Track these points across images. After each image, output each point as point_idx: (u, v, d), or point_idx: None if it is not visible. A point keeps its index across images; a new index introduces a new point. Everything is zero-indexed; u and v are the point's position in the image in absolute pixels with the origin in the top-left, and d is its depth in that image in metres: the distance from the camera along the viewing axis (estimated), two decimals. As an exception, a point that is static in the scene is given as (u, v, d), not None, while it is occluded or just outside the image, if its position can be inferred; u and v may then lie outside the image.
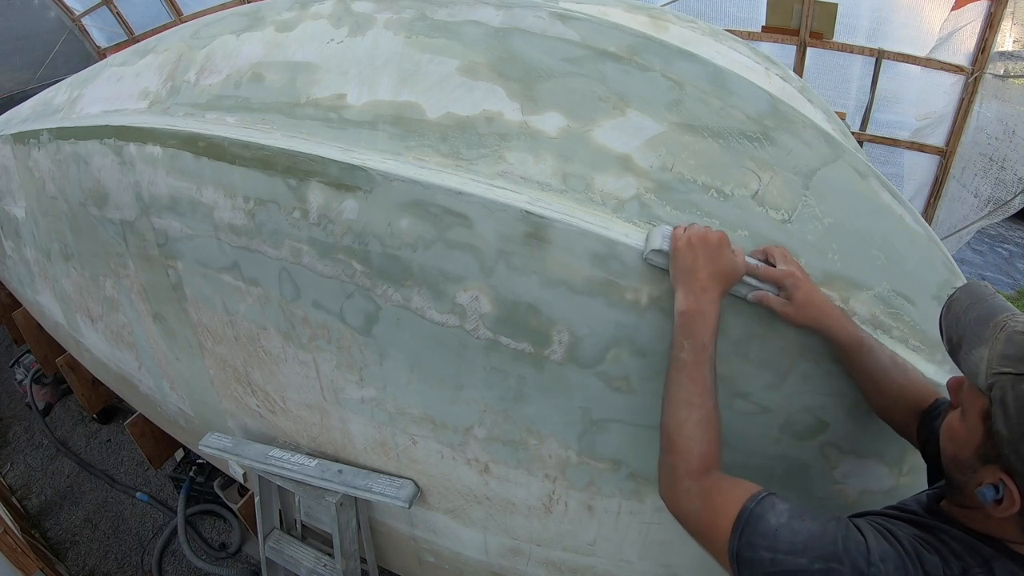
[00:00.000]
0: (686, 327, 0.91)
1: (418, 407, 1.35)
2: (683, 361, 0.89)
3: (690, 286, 0.93)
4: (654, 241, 1.00)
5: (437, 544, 1.64)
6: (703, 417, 0.87)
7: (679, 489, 0.86)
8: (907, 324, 1.13)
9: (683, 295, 0.93)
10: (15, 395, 3.90)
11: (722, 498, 0.82)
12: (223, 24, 1.65)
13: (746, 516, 0.78)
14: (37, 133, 1.93)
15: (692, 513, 0.84)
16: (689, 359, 0.89)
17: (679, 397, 0.89)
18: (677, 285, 0.95)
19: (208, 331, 1.65)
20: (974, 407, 0.72)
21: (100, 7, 5.75)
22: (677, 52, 1.18)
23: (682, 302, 0.93)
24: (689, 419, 0.87)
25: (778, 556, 0.74)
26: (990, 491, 0.69)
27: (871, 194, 1.12)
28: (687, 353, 0.89)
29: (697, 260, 0.93)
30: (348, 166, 1.20)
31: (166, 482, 3.16)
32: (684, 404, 0.88)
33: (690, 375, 0.88)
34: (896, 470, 1.21)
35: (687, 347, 0.89)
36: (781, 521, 0.76)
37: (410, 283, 1.21)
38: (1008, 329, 0.68)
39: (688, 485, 0.85)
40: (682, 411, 0.88)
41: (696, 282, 0.93)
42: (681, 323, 0.92)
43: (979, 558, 0.72)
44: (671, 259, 0.97)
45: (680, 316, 0.92)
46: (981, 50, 3.50)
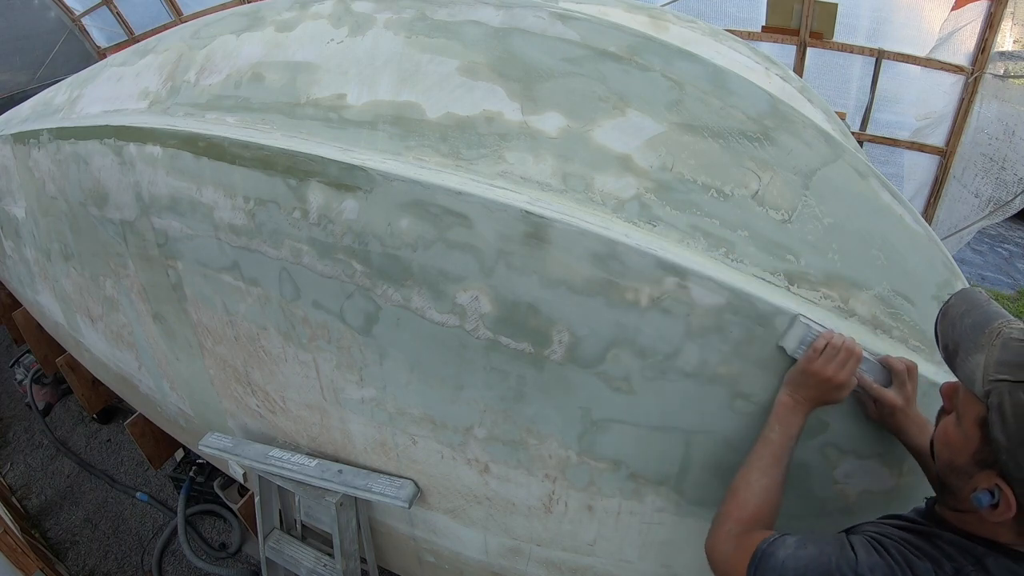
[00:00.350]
0: (781, 416, 1.01)
1: (418, 407, 1.35)
2: (771, 440, 1.00)
3: (795, 393, 1.02)
4: (790, 343, 1.04)
5: (437, 544, 1.64)
6: (771, 486, 0.96)
7: (723, 530, 0.95)
8: (907, 324, 1.13)
9: (787, 393, 1.02)
10: (15, 395, 3.90)
11: (748, 544, 0.89)
12: (223, 24, 1.65)
13: (759, 555, 0.85)
14: (37, 133, 1.93)
15: (723, 555, 0.92)
16: (776, 440, 1.00)
17: (757, 465, 0.99)
18: (788, 382, 1.04)
19: (208, 331, 1.65)
20: (970, 413, 0.73)
21: (100, 7, 5.75)
22: (677, 52, 1.18)
23: (787, 397, 1.02)
24: (759, 483, 0.97)
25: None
26: (985, 496, 0.70)
27: (871, 194, 1.12)
28: (776, 435, 1.00)
29: (812, 386, 1.01)
30: (348, 166, 1.20)
31: (166, 482, 3.16)
32: (759, 471, 0.98)
33: (773, 453, 0.99)
34: (896, 470, 1.21)
35: (778, 431, 1.00)
36: (788, 552, 0.83)
37: (410, 283, 1.21)
38: (1004, 336, 0.69)
39: (731, 528, 0.94)
40: (754, 475, 0.98)
41: (804, 394, 1.01)
42: (778, 410, 1.02)
43: (971, 558, 0.74)
44: (795, 367, 1.04)
45: (778, 405, 1.03)
46: (981, 50, 3.50)
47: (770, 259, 1.11)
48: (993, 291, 5.36)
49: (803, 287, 1.11)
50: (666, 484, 1.24)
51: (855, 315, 1.12)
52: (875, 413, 1.09)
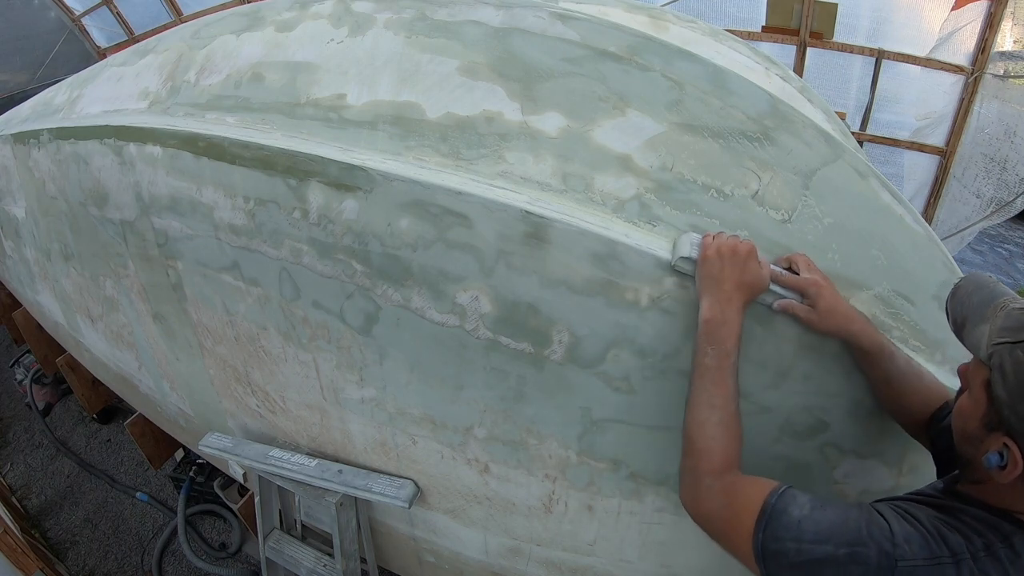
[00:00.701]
0: (711, 334, 0.94)
1: (418, 407, 1.35)
2: (706, 366, 0.92)
3: (716, 295, 0.95)
4: (682, 248, 1.00)
5: (437, 544, 1.64)
6: (724, 419, 0.89)
7: (700, 488, 0.88)
8: (907, 324, 1.13)
9: (708, 303, 0.95)
10: (15, 395, 3.90)
11: (743, 496, 0.84)
12: (223, 24, 1.65)
13: (769, 510, 0.80)
14: (37, 133, 1.93)
15: (714, 511, 0.86)
16: (713, 364, 0.92)
17: (701, 400, 0.91)
18: (703, 293, 0.98)
19: (208, 331, 1.65)
20: (977, 379, 0.76)
21: (100, 7, 5.75)
22: (677, 52, 1.18)
23: (707, 310, 0.95)
24: (710, 420, 0.89)
25: (803, 546, 0.76)
26: (995, 457, 0.72)
27: (871, 194, 1.12)
28: (710, 359, 0.92)
29: (724, 270, 0.95)
30: (348, 166, 1.20)
31: (166, 482, 3.16)
32: (706, 406, 0.90)
33: (713, 379, 0.91)
34: (896, 470, 1.21)
35: (711, 353, 0.92)
36: (804, 512, 0.78)
37: (410, 283, 1.21)
38: (1007, 308, 0.73)
39: (709, 483, 0.87)
40: (703, 413, 0.90)
41: (722, 292, 0.95)
42: (706, 330, 0.94)
43: (999, 535, 0.75)
44: (698, 267, 0.99)
45: (705, 323, 0.95)
46: (981, 50, 3.50)
47: (770, 259, 1.11)
48: (993, 291, 5.33)
49: (803, 287, 1.11)
50: (666, 484, 1.24)
51: (855, 315, 1.12)
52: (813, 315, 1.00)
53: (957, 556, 0.73)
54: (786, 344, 1.08)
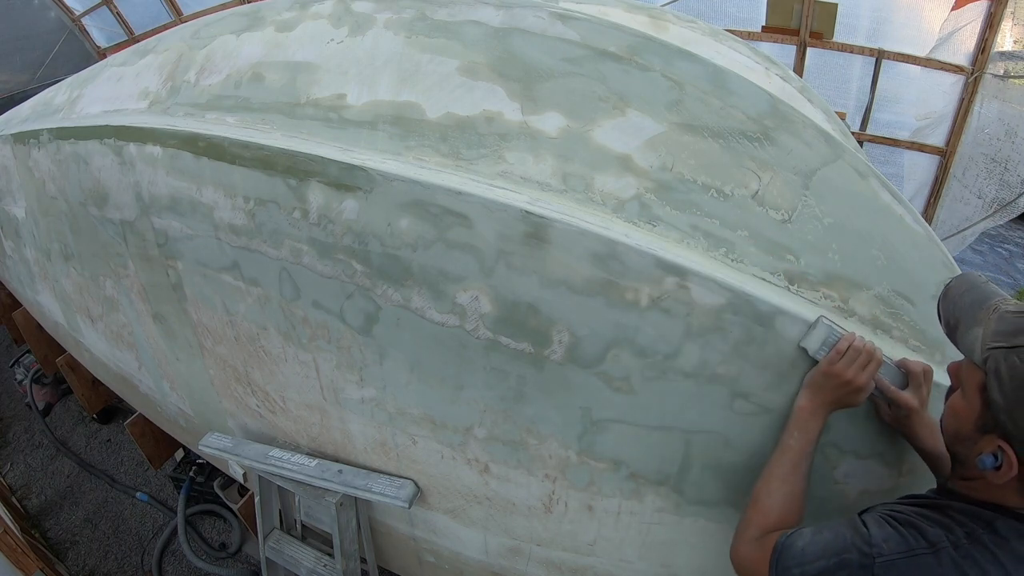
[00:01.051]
0: (799, 421, 1.02)
1: (418, 407, 1.35)
2: (790, 447, 1.01)
3: (814, 397, 1.03)
4: (812, 344, 1.04)
5: (437, 544, 1.64)
6: (792, 493, 0.98)
7: (746, 536, 0.97)
8: (907, 324, 1.13)
9: (807, 397, 1.03)
10: (15, 395, 3.90)
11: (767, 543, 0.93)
12: (223, 24, 1.65)
13: (779, 549, 0.89)
14: (37, 133, 1.93)
15: (744, 556, 0.96)
16: (796, 448, 1.01)
17: (777, 473, 1.00)
18: (807, 386, 1.05)
19: (208, 331, 1.65)
20: (971, 382, 0.78)
21: (100, 7, 5.75)
22: (677, 52, 1.18)
23: (803, 400, 1.04)
24: (780, 491, 0.99)
25: (805, 568, 0.84)
26: (989, 459, 0.75)
27: (871, 194, 1.12)
28: (795, 442, 1.01)
29: (832, 389, 1.01)
30: (348, 166, 1.20)
31: (166, 482, 3.16)
32: (780, 479, 1.00)
33: (792, 460, 1.00)
34: (896, 470, 1.21)
35: (796, 437, 1.01)
36: (805, 541, 0.87)
37: (410, 283, 1.21)
38: (1000, 310, 0.75)
39: (754, 534, 0.97)
40: (776, 483, 1.00)
41: (824, 397, 1.02)
42: (796, 416, 1.03)
43: (982, 522, 0.78)
44: (819, 369, 1.03)
45: (798, 410, 1.03)
46: (981, 50, 3.50)
47: (770, 259, 1.11)
48: (993, 291, 5.34)
49: (803, 287, 1.11)
50: (666, 484, 1.24)
51: (855, 315, 1.12)
52: (889, 415, 1.09)
53: (935, 546, 0.77)
54: (786, 345, 1.08)
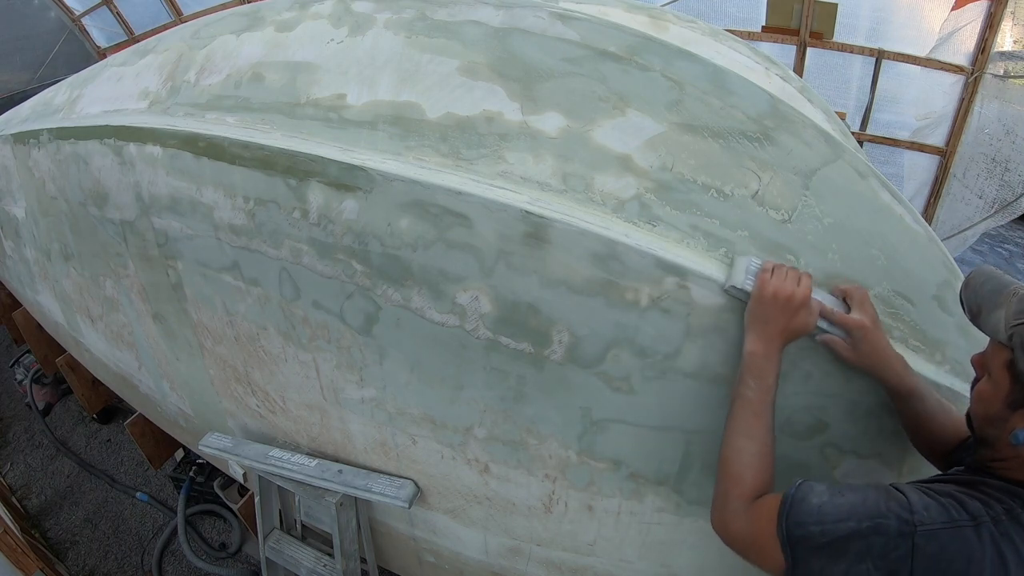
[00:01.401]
0: (754, 367, 0.97)
1: (418, 407, 1.35)
2: (747, 398, 0.96)
3: (762, 333, 0.99)
4: (737, 276, 1.01)
5: (437, 544, 1.64)
6: (760, 450, 0.94)
7: (728, 510, 0.92)
8: (907, 324, 1.13)
9: (754, 338, 0.99)
10: (15, 395, 3.90)
11: (765, 508, 0.88)
12: (223, 24, 1.65)
13: (788, 501, 0.84)
14: (37, 133, 1.93)
15: (739, 531, 0.90)
16: (754, 397, 0.96)
17: (740, 429, 0.95)
18: (750, 326, 1.01)
19: (208, 331, 1.65)
20: (998, 362, 0.79)
21: (100, 7, 5.75)
22: (677, 52, 1.18)
23: (752, 344, 0.99)
24: (747, 449, 0.94)
25: (827, 527, 0.80)
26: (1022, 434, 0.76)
27: (871, 194, 1.12)
28: (752, 391, 0.96)
29: (775, 313, 0.98)
30: (348, 166, 1.20)
31: (166, 482, 3.16)
32: (744, 435, 0.95)
33: (754, 411, 0.95)
34: (896, 470, 1.21)
35: (752, 385, 0.96)
36: (823, 499, 0.82)
37: (410, 283, 1.21)
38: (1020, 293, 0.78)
39: (736, 506, 0.91)
40: (740, 441, 0.95)
41: (768, 331, 0.98)
42: (749, 362, 0.98)
43: (1019, 500, 0.78)
44: (750, 302, 1.01)
45: (749, 356, 0.98)
46: (981, 50, 3.49)
47: (770, 259, 1.11)
48: (993, 291, 5.34)
49: (803, 287, 1.11)
50: (666, 484, 1.24)
51: (855, 315, 1.12)
52: (848, 351, 1.03)
53: (977, 520, 0.75)
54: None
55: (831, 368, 1.10)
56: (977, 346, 1.17)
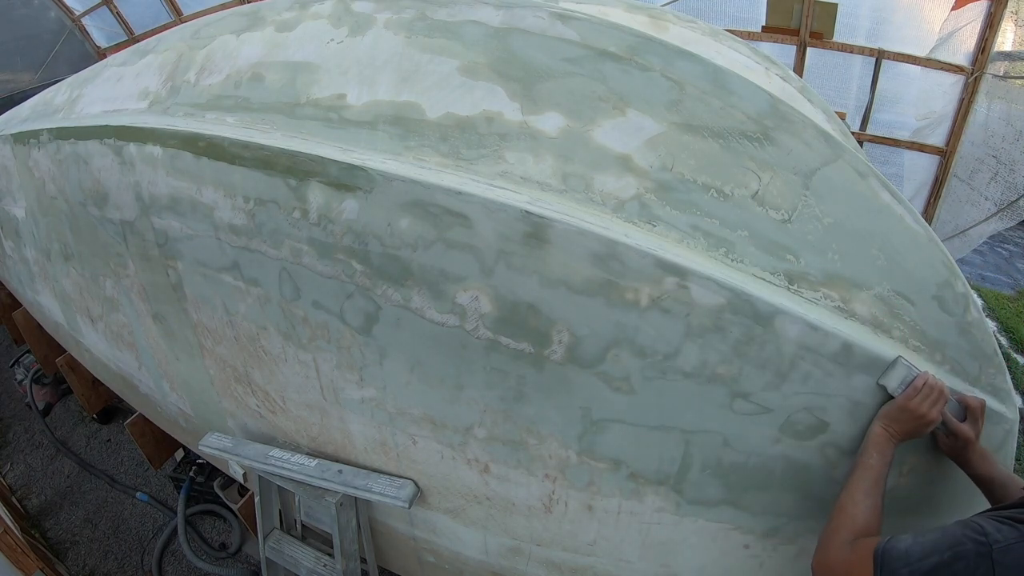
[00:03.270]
0: (878, 445, 1.11)
1: (418, 407, 1.35)
2: (870, 466, 1.09)
3: (889, 427, 1.11)
4: (892, 383, 1.12)
5: (437, 544, 1.64)
6: (874, 504, 1.05)
7: (835, 543, 1.03)
8: (907, 324, 1.13)
9: (882, 427, 1.12)
10: (15, 395, 3.90)
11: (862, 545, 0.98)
12: (223, 24, 1.65)
13: (880, 553, 0.93)
14: (37, 133, 1.93)
15: (838, 560, 1.01)
16: (875, 466, 1.09)
17: (861, 487, 1.08)
18: (883, 417, 1.13)
19: (208, 331, 1.65)
20: None
21: (100, 7, 5.75)
22: (677, 52, 1.18)
23: (879, 429, 1.12)
24: (863, 503, 1.06)
25: (914, 566, 0.88)
26: None
27: (871, 194, 1.12)
28: (875, 462, 1.09)
29: (907, 423, 1.11)
30: (348, 166, 1.20)
31: (166, 482, 3.16)
32: (863, 492, 1.07)
33: (873, 477, 1.08)
34: (896, 471, 1.21)
35: (876, 457, 1.10)
36: (908, 543, 0.92)
37: (410, 283, 1.21)
38: None
39: (843, 539, 1.02)
40: (859, 496, 1.07)
41: (894, 429, 1.11)
42: (875, 440, 1.11)
43: None
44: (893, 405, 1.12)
45: (875, 436, 1.12)
46: (981, 50, 3.49)
47: (770, 259, 1.11)
48: (993, 291, 5.36)
49: (803, 287, 1.11)
50: (666, 484, 1.24)
51: (855, 315, 1.12)
52: (946, 445, 1.16)
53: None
54: (786, 345, 1.08)
55: (831, 368, 1.10)
56: (977, 346, 1.17)
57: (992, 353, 1.18)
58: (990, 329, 1.23)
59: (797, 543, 1.28)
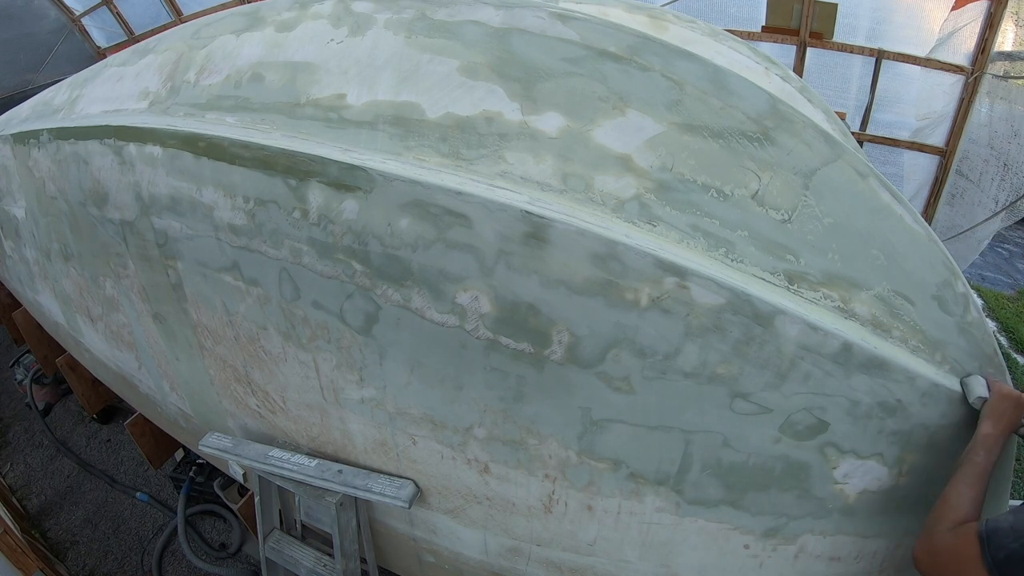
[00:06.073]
0: (986, 444, 1.15)
1: (418, 407, 1.35)
2: (977, 463, 1.13)
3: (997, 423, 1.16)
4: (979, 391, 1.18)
5: (437, 544, 1.64)
6: (976, 497, 1.09)
7: (938, 530, 1.07)
8: (907, 324, 1.14)
9: (990, 425, 1.16)
10: (15, 395, 3.90)
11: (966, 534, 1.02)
12: (223, 24, 1.65)
13: (984, 536, 0.98)
14: (37, 133, 1.93)
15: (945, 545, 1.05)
16: (981, 463, 1.13)
17: (965, 480, 1.12)
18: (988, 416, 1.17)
19: (208, 331, 1.65)
20: None
21: (100, 7, 5.75)
22: (677, 52, 1.18)
23: (987, 428, 1.16)
24: (967, 494, 1.10)
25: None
26: None
27: (871, 194, 1.12)
28: (980, 459, 1.13)
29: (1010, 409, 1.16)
30: (348, 166, 1.20)
31: (166, 482, 3.16)
32: (968, 485, 1.11)
33: (978, 473, 1.12)
34: (896, 470, 1.21)
35: (982, 455, 1.14)
36: (1010, 520, 0.97)
37: (410, 283, 1.21)
38: None
39: (946, 527, 1.07)
40: (964, 487, 1.11)
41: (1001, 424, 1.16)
42: (983, 441, 1.15)
43: None
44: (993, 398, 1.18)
45: (984, 437, 1.15)
46: (981, 50, 3.49)
47: (770, 259, 1.11)
48: (993, 291, 5.36)
49: (803, 287, 1.11)
50: (666, 484, 1.24)
51: (855, 315, 1.12)
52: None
53: None
54: (786, 344, 1.08)
55: (831, 368, 1.10)
56: (977, 346, 1.17)
57: (992, 353, 1.18)
58: (990, 329, 1.23)
59: (797, 543, 1.28)
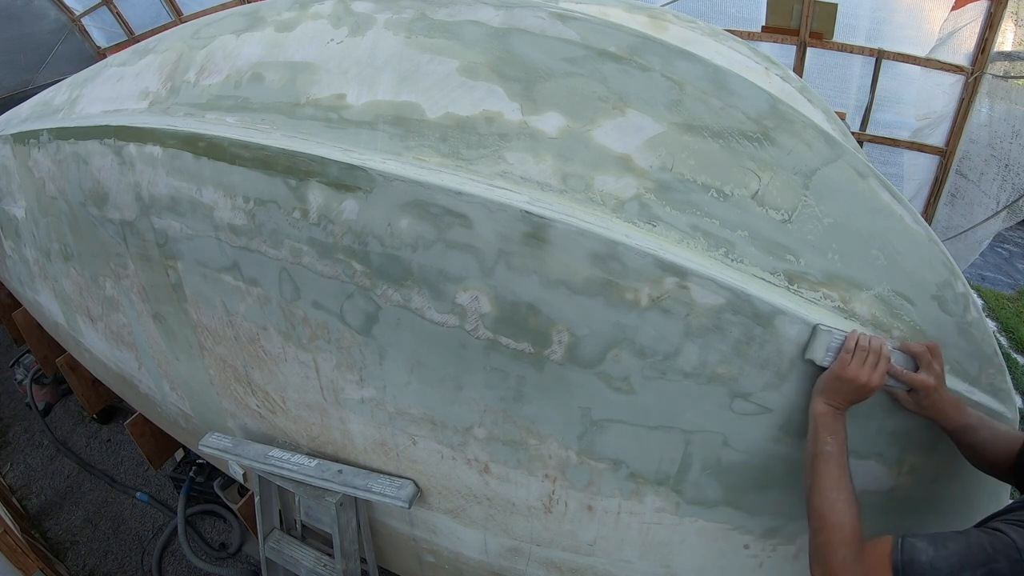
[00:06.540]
0: (826, 426, 1.03)
1: (418, 407, 1.35)
2: (829, 453, 1.01)
3: (831, 400, 1.05)
4: (817, 353, 1.05)
5: (437, 544, 1.64)
6: (849, 498, 0.98)
7: (836, 560, 0.94)
8: (907, 324, 1.13)
9: (824, 402, 1.05)
10: (15, 395, 3.90)
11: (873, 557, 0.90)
12: (223, 24, 1.65)
13: (900, 567, 0.86)
14: (37, 133, 1.93)
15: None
16: (834, 451, 1.01)
17: (828, 483, 0.99)
18: (820, 393, 1.06)
19: (208, 331, 1.65)
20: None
21: (100, 7, 5.74)
22: (677, 52, 1.18)
23: (820, 407, 1.05)
24: (839, 499, 0.98)
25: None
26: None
27: (871, 194, 1.12)
28: (831, 447, 1.01)
29: (847, 392, 1.03)
30: (348, 166, 1.20)
31: (166, 482, 3.16)
32: (834, 488, 0.99)
33: (837, 463, 1.00)
34: (895, 470, 1.21)
35: (831, 441, 1.02)
36: (929, 555, 0.84)
37: (410, 283, 1.21)
38: None
39: (844, 554, 0.93)
40: (832, 494, 0.98)
41: (836, 401, 1.05)
42: (822, 422, 1.03)
43: None
44: (827, 376, 1.05)
45: (820, 417, 1.04)
46: (981, 50, 3.49)
47: (770, 259, 1.11)
48: (993, 291, 5.36)
49: (803, 287, 1.11)
50: (666, 484, 1.24)
51: (855, 315, 1.12)
52: (910, 403, 1.09)
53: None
54: (786, 345, 1.08)
55: (831, 368, 1.10)
56: (977, 346, 1.17)
57: (992, 353, 1.18)
58: (990, 329, 1.23)
59: (796, 543, 1.28)
